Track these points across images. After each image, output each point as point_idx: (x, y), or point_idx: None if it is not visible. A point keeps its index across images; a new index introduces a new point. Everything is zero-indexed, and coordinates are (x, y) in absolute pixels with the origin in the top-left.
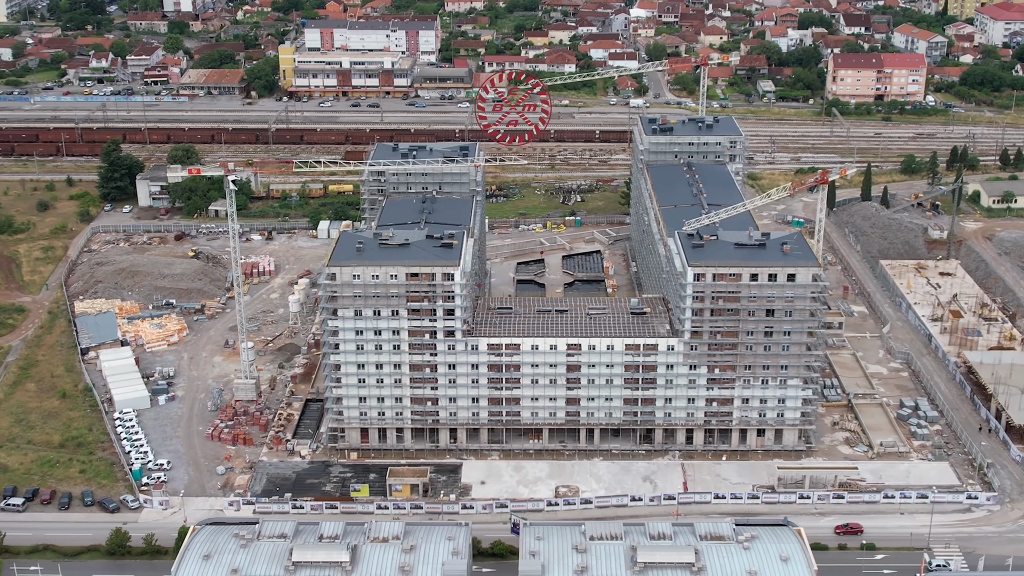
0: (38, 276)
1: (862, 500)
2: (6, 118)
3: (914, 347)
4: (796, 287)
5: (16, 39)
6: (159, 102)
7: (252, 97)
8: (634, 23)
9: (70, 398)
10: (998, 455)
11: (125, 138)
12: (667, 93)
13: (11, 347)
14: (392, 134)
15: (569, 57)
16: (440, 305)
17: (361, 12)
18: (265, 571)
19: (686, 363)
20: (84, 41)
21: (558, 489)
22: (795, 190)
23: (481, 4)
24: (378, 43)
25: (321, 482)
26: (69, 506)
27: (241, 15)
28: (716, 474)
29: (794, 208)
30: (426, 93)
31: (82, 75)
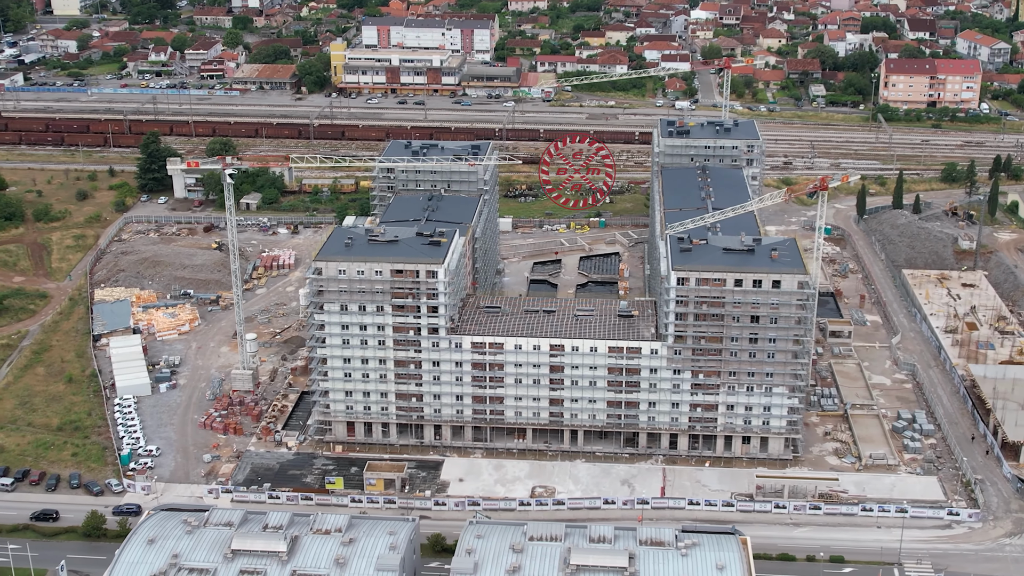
0: (66, 264)
1: (839, 512)
2: (63, 109)
3: (923, 359)
4: (781, 294)
5: (83, 32)
6: (211, 96)
7: (302, 93)
8: (693, 25)
9: (76, 383)
10: (990, 471)
11: (172, 131)
12: (716, 96)
13: (28, 332)
14: (432, 132)
15: (621, 58)
16: (424, 302)
17: (423, 10)
18: (204, 557)
19: (670, 367)
20: (149, 35)
21: (534, 489)
22: (791, 195)
23: (544, 4)
24: (433, 41)
25: (303, 473)
26: (56, 488)
27: (306, 11)
28: (696, 480)
29: (827, 213)
30: (473, 92)
31: (141, 68)
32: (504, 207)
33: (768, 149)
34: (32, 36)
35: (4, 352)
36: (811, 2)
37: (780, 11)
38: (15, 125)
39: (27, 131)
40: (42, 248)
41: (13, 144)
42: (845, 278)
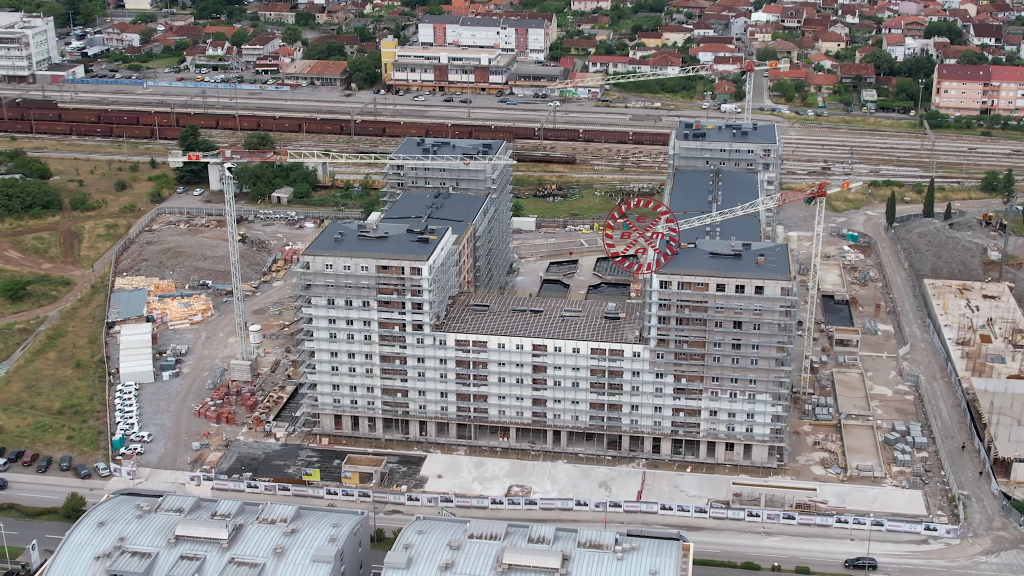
0: (94, 252)
1: (813, 523)
2: (117, 101)
3: (930, 370)
4: (764, 300)
5: (147, 26)
6: (262, 91)
7: (352, 89)
8: (752, 27)
9: (83, 368)
10: (978, 487)
11: (218, 124)
12: (766, 99)
13: (47, 317)
14: (472, 130)
15: (674, 59)
16: (409, 299)
17: (483, 8)
18: (149, 542)
19: (652, 371)
20: (211, 30)
21: (511, 488)
22: (785, 201)
23: (607, 4)
24: (488, 39)
25: (287, 464)
26: (46, 469)
27: (369, 9)
28: (675, 485)
29: (855, 222)
30: (520, 91)
31: (198, 62)
32: (532, 206)
33: (807, 154)
34: (99, 29)
35: (21, 336)
36: (879, 5)
37: (845, 15)
38: (68, 116)
39: (79, 122)
40: (74, 236)
41: (64, 134)
42: (864, 286)
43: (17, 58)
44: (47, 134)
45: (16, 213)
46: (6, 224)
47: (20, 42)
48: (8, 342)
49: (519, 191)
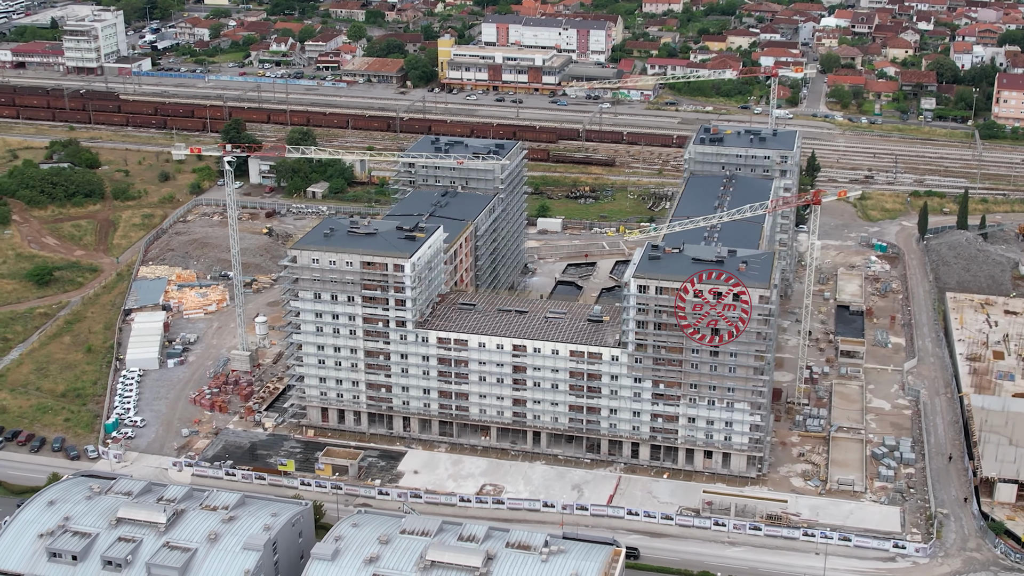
0: (126, 241)
1: (780, 535)
2: (177, 94)
3: (935, 385)
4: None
5: (217, 21)
6: (319, 87)
7: (407, 87)
8: (819, 32)
9: (94, 353)
10: (961, 507)
11: (269, 119)
12: (822, 106)
13: (69, 303)
14: (515, 130)
15: (733, 63)
16: (392, 295)
17: (553, 9)
18: (91, 523)
19: (630, 375)
20: (280, 26)
21: (483, 487)
22: (775, 208)
23: (679, 6)
24: (550, 40)
25: (270, 454)
26: (39, 449)
27: (440, 8)
28: (649, 491)
29: (888, 232)
30: (573, 92)
31: (262, 58)
32: (562, 207)
33: (853, 162)
34: (173, 24)
35: (41, 320)
36: (958, 12)
37: (919, 21)
38: (127, 108)
39: (136, 114)
40: (110, 225)
41: (121, 125)
42: (884, 297)
43: (86, 50)
44: (105, 124)
45: (59, 201)
46: (48, 211)
47: (89, 35)
48: (27, 325)
49: (552, 191)
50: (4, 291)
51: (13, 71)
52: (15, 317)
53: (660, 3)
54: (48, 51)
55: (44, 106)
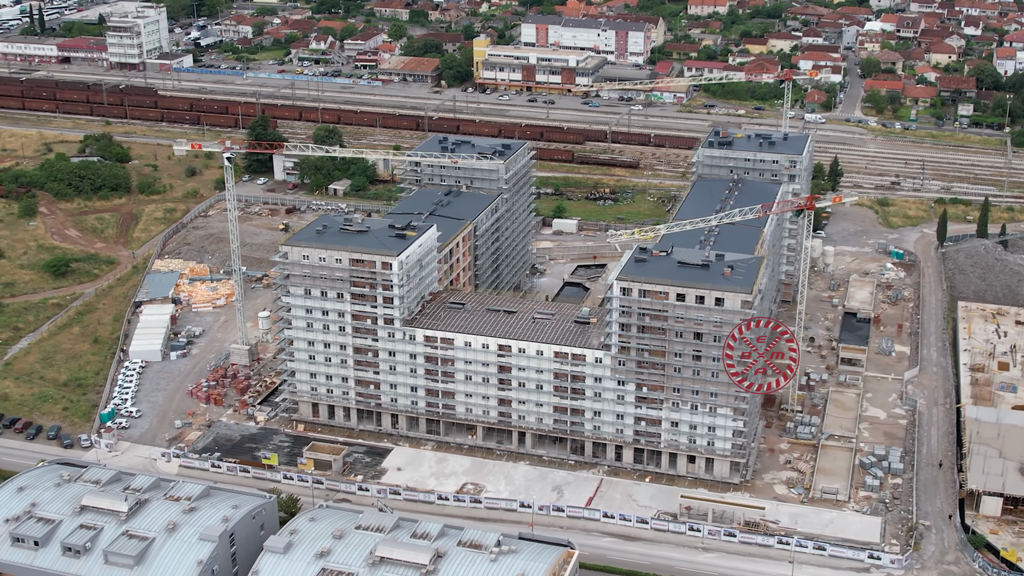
0: (146, 234)
1: (755, 542)
2: (214, 90)
3: (935, 395)
4: (724, 312)
5: (261, 19)
6: (355, 85)
7: (442, 86)
8: (862, 36)
9: (100, 344)
10: (944, 519)
11: (301, 116)
12: (857, 111)
13: (83, 294)
14: (543, 130)
15: (770, 67)
16: (380, 292)
17: (597, 10)
18: (56, 509)
19: (614, 378)
20: (324, 24)
21: (464, 486)
22: (765, 213)
23: (724, 8)
24: (588, 41)
25: (258, 447)
26: (35, 437)
27: (485, 8)
28: (629, 495)
29: (907, 239)
30: (605, 94)
31: (301, 56)
32: (580, 209)
33: (881, 168)
34: (219, 21)
35: (53, 311)
36: (1008, 18)
37: (967, 26)
38: (164, 103)
39: (172, 109)
40: (132, 218)
41: (156, 121)
42: (894, 305)
43: (128, 46)
44: (140, 120)
45: (85, 194)
46: (74, 204)
47: (132, 31)
48: (39, 315)
49: (572, 192)
50: (21, 281)
51: (58, 66)
52: (29, 307)
53: (706, 5)
54: (93, 47)
55: (83, 100)
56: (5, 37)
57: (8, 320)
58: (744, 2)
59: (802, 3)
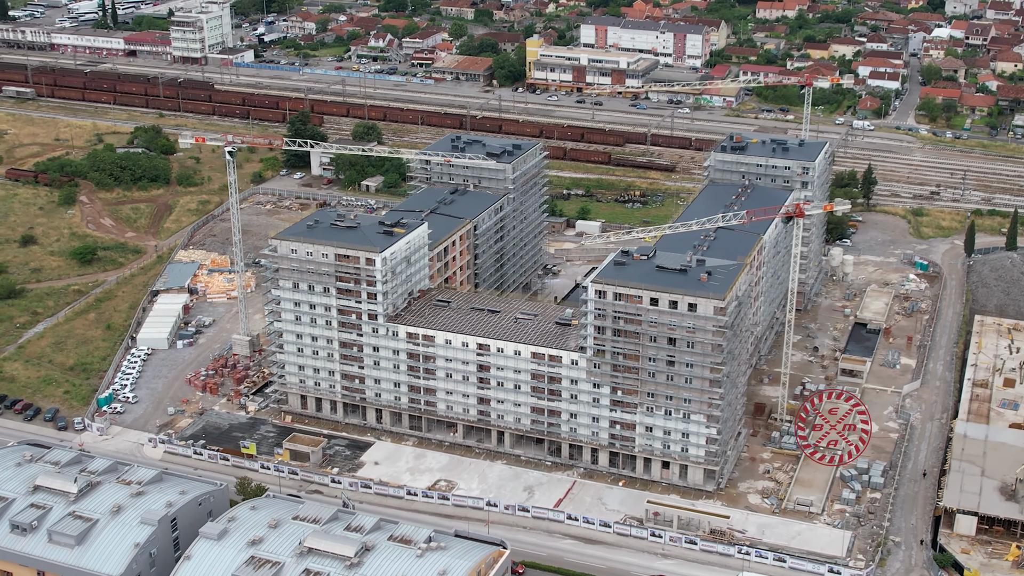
0: (176, 225)
1: (715, 551)
2: (269, 85)
3: (932, 410)
4: (697, 318)
5: (325, 16)
6: (408, 83)
7: (493, 85)
8: (928, 43)
9: (112, 330)
10: (916, 535)
11: (348, 112)
12: (910, 118)
13: (105, 281)
14: (583, 132)
15: (827, 72)
16: (364, 288)
17: (662, 12)
18: (11, 488)
19: (589, 380)
20: (388, 22)
21: (437, 482)
22: (751, 219)
23: (793, 12)
24: (647, 44)
25: (245, 436)
26: (33, 418)
27: (552, 8)
28: (599, 498)
29: (936, 250)
30: (655, 96)
31: (360, 53)
32: (608, 211)
33: (923, 177)
34: (286, 18)
35: (74, 296)
36: None
37: None
38: (218, 97)
39: (225, 103)
40: (167, 209)
41: (208, 114)
42: (909, 317)
43: (191, 41)
44: (193, 113)
45: (125, 184)
46: (114, 194)
47: (195, 26)
48: (59, 301)
49: (603, 194)
50: (49, 267)
51: (124, 59)
52: (51, 292)
53: (774, 9)
54: (158, 40)
55: (141, 93)
56: (76, 30)
57: (29, 305)
58: (815, 7)
59: (874, 8)
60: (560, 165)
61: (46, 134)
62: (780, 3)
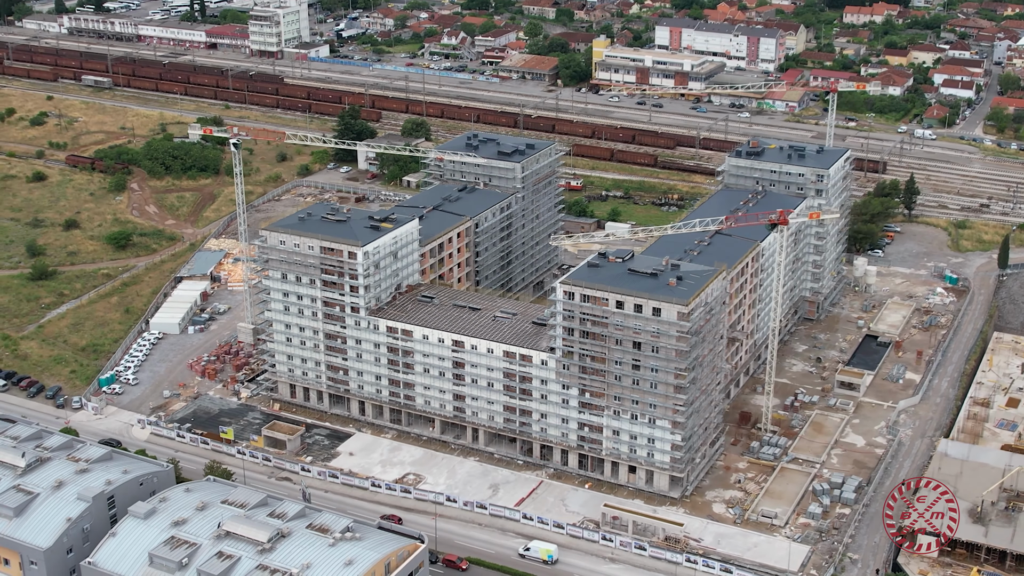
0: (215, 214)
1: (663, 558)
2: (338, 80)
3: (926, 426)
4: (661, 322)
5: (406, 12)
6: (473, 81)
7: (557, 85)
8: (1012, 51)
9: (130, 314)
10: (877, 553)
11: (407, 109)
12: (978, 128)
13: (134, 267)
14: (635, 133)
15: (899, 79)
16: (347, 281)
17: (744, 16)
18: None
19: (559, 381)
20: (468, 20)
21: (406, 476)
22: (729, 224)
23: (881, 18)
24: (721, 46)
25: (231, 422)
26: (35, 396)
27: (635, 9)
28: (562, 499)
29: (971, 264)
30: (717, 100)
31: (432, 50)
32: (643, 214)
33: (977, 189)
34: (368, 14)
35: (102, 280)
36: None
37: None
38: (284, 91)
39: (290, 97)
40: (210, 198)
41: (272, 107)
42: (926, 331)
43: (268, 35)
44: (258, 105)
45: (175, 173)
46: (164, 182)
47: (272, 20)
48: (86, 284)
49: (641, 197)
50: (85, 251)
51: (204, 51)
52: (81, 275)
53: (861, 14)
54: (237, 34)
55: (212, 85)
56: (163, 23)
57: (57, 286)
58: (905, 12)
59: (967, 15)
60: (605, 166)
61: (113, 122)
62: (869, 8)
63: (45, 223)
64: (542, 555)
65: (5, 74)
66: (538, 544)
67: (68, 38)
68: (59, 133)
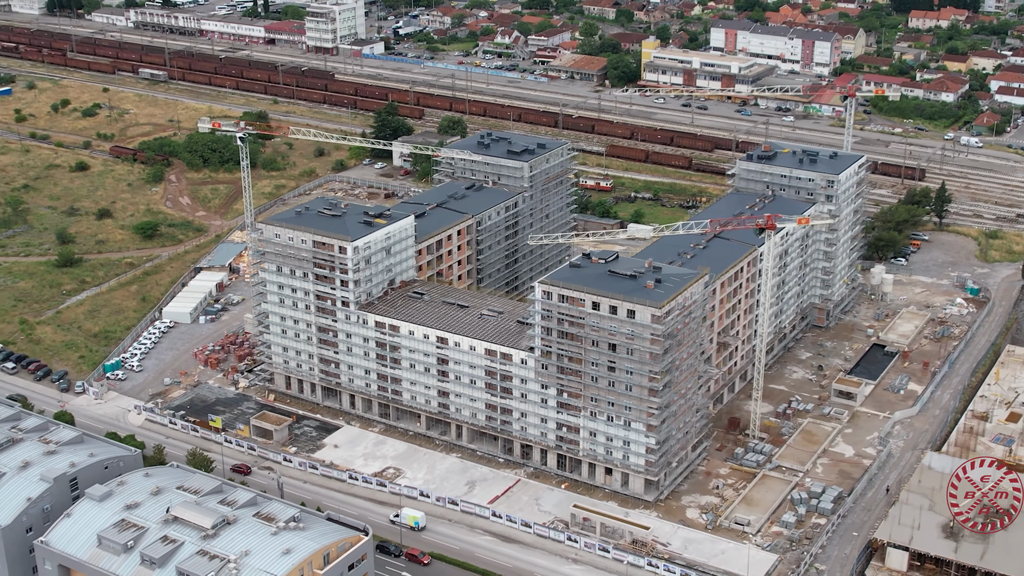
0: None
1: (625, 560)
2: (388, 77)
3: (919, 438)
4: (635, 324)
5: (464, 11)
6: (522, 80)
7: (604, 86)
8: None
9: (147, 302)
10: (846, 565)
11: (451, 107)
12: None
13: (158, 256)
14: (673, 135)
15: (952, 86)
16: (338, 275)
17: (805, 19)
18: None
19: (538, 380)
20: (527, 19)
21: (385, 470)
22: (714, 231)
23: (947, 23)
24: (775, 49)
25: (226, 411)
26: (42, 379)
27: (697, 10)
28: (535, 499)
29: (997, 275)
30: (764, 103)
31: (485, 49)
32: (668, 216)
33: (1014, 198)
34: (429, 12)
35: (125, 268)
36: None
37: None
38: (332, 87)
39: (337, 93)
40: (240, 191)
41: (318, 103)
42: (937, 342)
43: (324, 31)
44: (305, 100)
45: (212, 165)
46: (201, 174)
47: (327, 17)
48: (108, 272)
49: (670, 199)
50: (113, 240)
51: (262, 47)
52: (105, 264)
53: (927, 19)
54: (294, 30)
55: (263, 80)
56: (224, 18)
57: (81, 273)
58: (973, 17)
59: None
60: (639, 168)
61: (163, 115)
62: (936, 13)
63: (80, 212)
64: (409, 522)
65: (67, 66)
66: (407, 511)
67: (132, 32)
68: (108, 124)
